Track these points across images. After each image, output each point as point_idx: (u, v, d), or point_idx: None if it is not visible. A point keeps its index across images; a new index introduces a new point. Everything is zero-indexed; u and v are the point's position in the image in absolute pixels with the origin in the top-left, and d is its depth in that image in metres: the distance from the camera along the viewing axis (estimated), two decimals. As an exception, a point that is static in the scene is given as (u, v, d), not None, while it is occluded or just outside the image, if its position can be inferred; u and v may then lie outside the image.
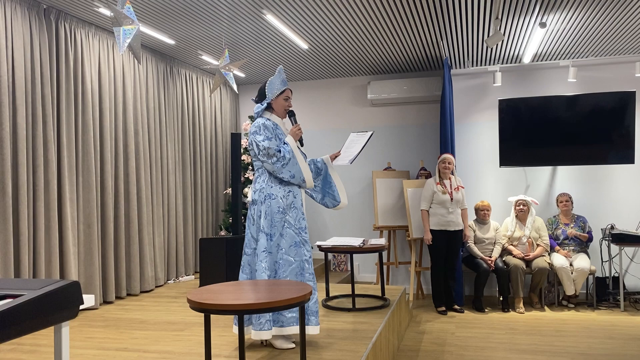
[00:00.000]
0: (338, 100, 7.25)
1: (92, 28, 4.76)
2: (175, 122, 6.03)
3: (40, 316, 1.38)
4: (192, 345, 3.55)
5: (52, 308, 1.42)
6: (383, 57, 6.13)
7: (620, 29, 5.10)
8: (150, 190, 5.55)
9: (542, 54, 6.00)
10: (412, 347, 4.47)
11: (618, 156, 5.91)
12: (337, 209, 3.65)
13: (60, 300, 1.44)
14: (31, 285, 1.49)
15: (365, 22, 4.81)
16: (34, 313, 1.37)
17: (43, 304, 1.39)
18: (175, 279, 5.92)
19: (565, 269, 5.51)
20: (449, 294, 5.62)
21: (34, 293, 1.42)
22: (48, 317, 1.41)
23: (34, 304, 1.38)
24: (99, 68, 4.85)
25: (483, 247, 5.86)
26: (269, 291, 2.50)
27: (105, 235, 4.90)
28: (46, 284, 1.49)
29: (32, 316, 1.37)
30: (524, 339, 4.63)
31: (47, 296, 1.40)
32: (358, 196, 7.15)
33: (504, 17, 4.70)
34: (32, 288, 1.46)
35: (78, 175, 4.61)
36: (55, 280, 1.52)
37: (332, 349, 3.32)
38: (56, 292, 1.43)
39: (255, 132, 3.30)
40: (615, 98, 5.91)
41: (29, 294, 1.42)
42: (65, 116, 4.44)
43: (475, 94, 6.59)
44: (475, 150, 6.58)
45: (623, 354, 4.20)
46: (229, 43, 5.40)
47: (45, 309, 1.39)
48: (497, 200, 6.42)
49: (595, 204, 6.19)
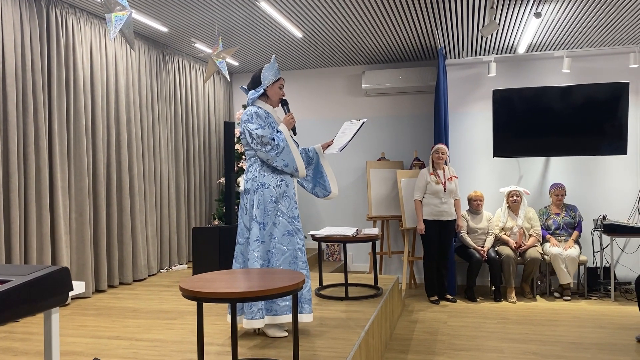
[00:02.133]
0: (332, 90, 7.21)
1: (84, 14, 4.70)
2: (168, 110, 5.99)
3: (29, 302, 1.36)
4: (185, 333, 3.55)
5: (42, 294, 1.41)
6: (378, 47, 6.10)
7: (615, 20, 5.10)
8: (143, 178, 5.52)
9: (537, 44, 5.99)
10: (404, 336, 4.49)
11: (611, 147, 5.93)
12: (327, 199, 3.64)
13: (49, 286, 1.43)
14: (20, 271, 1.47)
15: (360, 11, 4.78)
16: (23, 299, 1.36)
17: (32, 290, 1.37)
18: (168, 268, 5.91)
19: (560, 256, 5.53)
20: (441, 283, 5.64)
21: (22, 279, 1.40)
22: (37, 303, 1.39)
23: (22, 289, 1.36)
24: (90, 55, 4.80)
25: (476, 237, 5.88)
26: (262, 279, 2.50)
27: (98, 223, 4.88)
28: (35, 269, 1.47)
29: (21, 302, 1.35)
30: (515, 328, 4.66)
31: (36, 282, 1.38)
32: (352, 186, 7.14)
33: (499, 7, 4.68)
34: (21, 274, 1.45)
35: (70, 163, 4.57)
36: (44, 266, 1.51)
37: (324, 337, 3.32)
38: (45, 278, 1.42)
39: (248, 121, 3.27)
40: (608, 89, 5.92)
41: (18, 279, 1.40)
42: (56, 103, 4.40)
43: (469, 84, 6.58)
44: (469, 141, 6.58)
45: (613, 343, 4.24)
46: (222, 31, 5.35)
47: (34, 295, 1.38)
48: (490, 191, 6.43)
49: (588, 195, 6.22)
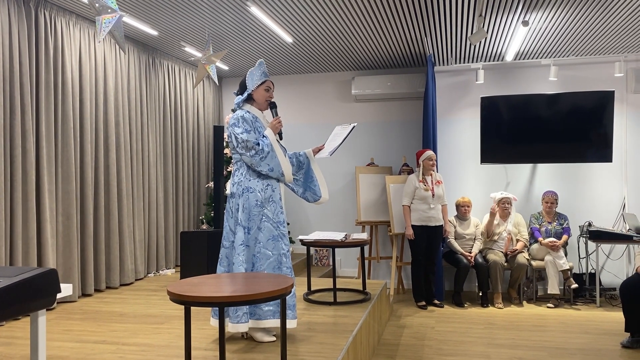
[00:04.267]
0: (322, 95, 7.24)
1: (73, 17, 4.68)
2: (156, 114, 5.97)
3: (17, 303, 1.35)
4: (172, 338, 3.53)
5: (29, 295, 1.39)
6: (367, 53, 6.14)
7: (600, 29, 5.18)
8: (131, 182, 5.49)
9: (524, 52, 6.06)
10: (392, 341, 4.50)
11: (597, 155, 6.01)
12: (317, 203, 3.64)
13: (37, 287, 1.41)
14: (7, 273, 1.45)
15: (350, 17, 4.81)
16: (10, 300, 1.34)
17: (19, 291, 1.35)
18: (156, 273, 5.87)
19: (553, 263, 5.55)
20: (429, 288, 5.67)
21: (9, 280, 1.39)
22: (24, 304, 1.38)
23: (9, 291, 1.34)
24: (79, 57, 4.78)
25: (463, 242, 5.91)
26: (250, 284, 2.49)
27: (85, 227, 4.84)
28: (22, 271, 1.45)
29: (8, 304, 1.34)
30: (502, 333, 4.69)
31: (24, 283, 1.37)
32: (341, 191, 7.16)
33: (487, 15, 4.74)
34: (8, 275, 1.43)
35: (57, 166, 4.54)
36: (32, 268, 1.50)
37: (312, 342, 3.32)
38: (33, 280, 1.40)
39: (234, 125, 3.28)
40: (594, 97, 6.00)
41: (5, 281, 1.39)
42: (44, 106, 4.37)
43: (457, 91, 6.64)
44: (457, 147, 6.63)
45: (598, 348, 4.28)
46: (212, 35, 5.36)
47: (21, 297, 1.36)
48: (478, 197, 6.48)
49: (574, 202, 6.29)
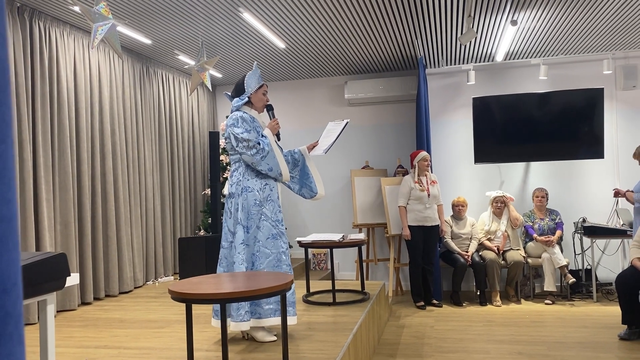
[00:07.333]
0: (316, 100, 7.29)
1: (67, 27, 4.72)
2: (152, 122, 6.00)
3: (30, 285, 1.37)
4: (173, 341, 3.55)
5: (40, 277, 1.42)
6: (359, 57, 6.20)
7: (589, 27, 5.26)
8: (128, 190, 5.51)
9: (514, 52, 6.14)
10: (392, 341, 4.52)
11: (588, 151, 6.08)
12: (314, 199, 3.69)
13: (48, 269, 1.44)
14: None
15: (341, 23, 4.87)
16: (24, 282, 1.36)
17: (31, 273, 1.38)
18: (155, 280, 5.88)
19: (550, 261, 5.60)
20: (427, 288, 5.69)
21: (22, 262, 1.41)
22: (37, 285, 1.40)
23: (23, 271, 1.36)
24: (74, 67, 4.81)
25: (460, 242, 5.96)
26: (250, 281, 2.52)
27: (83, 235, 4.85)
28: (34, 255, 1.47)
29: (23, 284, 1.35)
30: (501, 330, 4.73)
31: (35, 265, 1.40)
32: (337, 194, 7.20)
33: (476, 15, 4.81)
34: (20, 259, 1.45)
35: (54, 175, 4.56)
36: (42, 252, 1.52)
37: (313, 340, 3.35)
38: (43, 262, 1.43)
39: (233, 125, 3.32)
40: (584, 95, 6.08)
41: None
42: (40, 115, 4.40)
43: (449, 92, 6.71)
44: (450, 148, 6.69)
45: (596, 341, 4.32)
46: (205, 43, 5.41)
47: (33, 279, 1.39)
48: (473, 196, 6.53)
49: (568, 198, 6.35)
